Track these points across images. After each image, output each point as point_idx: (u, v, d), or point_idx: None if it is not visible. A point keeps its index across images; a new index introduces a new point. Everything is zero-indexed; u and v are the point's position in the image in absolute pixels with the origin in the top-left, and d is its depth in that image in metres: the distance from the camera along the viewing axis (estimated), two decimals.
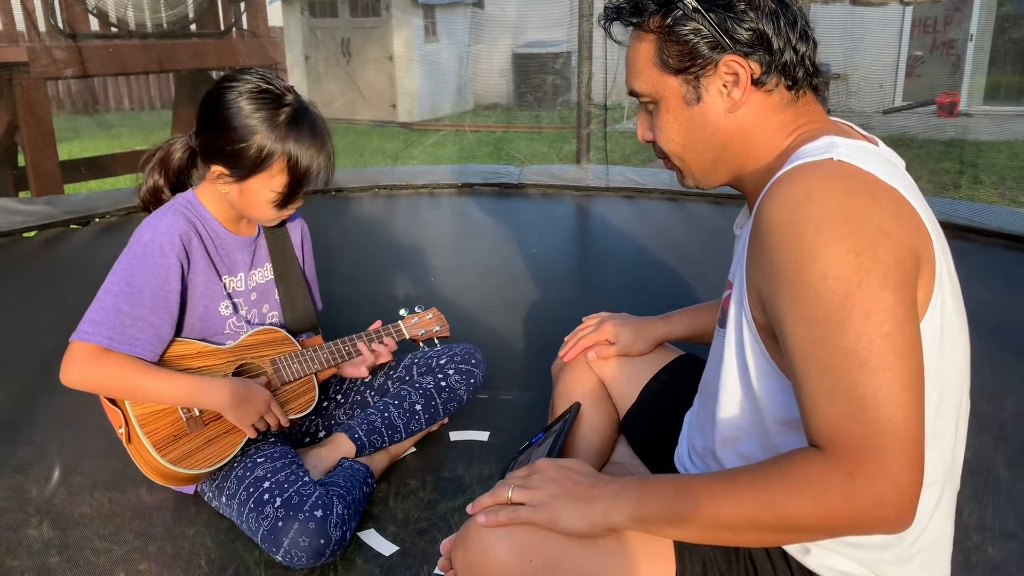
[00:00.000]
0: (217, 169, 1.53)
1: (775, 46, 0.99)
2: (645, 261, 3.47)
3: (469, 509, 1.02)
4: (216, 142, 1.51)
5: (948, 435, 0.98)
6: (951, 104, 8.16)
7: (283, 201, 1.55)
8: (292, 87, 1.55)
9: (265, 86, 1.51)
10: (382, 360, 1.83)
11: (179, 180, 1.66)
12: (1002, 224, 3.76)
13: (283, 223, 1.77)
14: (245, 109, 1.48)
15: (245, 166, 1.50)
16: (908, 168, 1.08)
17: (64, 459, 1.89)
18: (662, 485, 0.95)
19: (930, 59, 8.82)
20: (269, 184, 1.52)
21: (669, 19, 1.01)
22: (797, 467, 0.86)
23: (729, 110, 1.03)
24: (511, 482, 1.02)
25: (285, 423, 1.63)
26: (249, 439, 1.60)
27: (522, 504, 0.99)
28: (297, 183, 1.53)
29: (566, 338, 1.59)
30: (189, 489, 1.69)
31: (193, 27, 5.23)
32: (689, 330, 1.51)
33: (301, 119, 1.52)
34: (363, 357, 1.80)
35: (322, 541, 1.44)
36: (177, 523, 1.64)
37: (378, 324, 1.88)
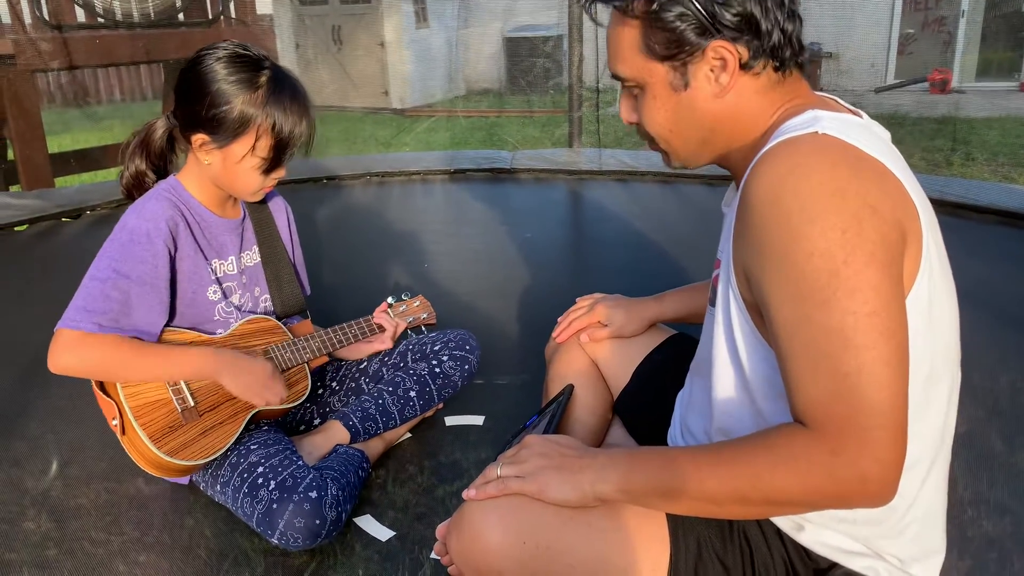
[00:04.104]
0: (199, 137, 1.52)
1: (763, 28, 0.97)
2: (638, 244, 3.46)
3: (465, 495, 1.03)
4: (196, 109, 1.50)
5: (939, 406, 0.98)
6: (943, 81, 8.14)
7: (268, 167, 1.54)
8: (268, 55, 1.55)
9: (242, 52, 1.51)
10: (395, 337, 1.87)
11: (161, 164, 1.64)
12: (995, 200, 3.77)
13: (264, 202, 1.77)
14: (221, 73, 1.48)
15: (227, 130, 1.49)
16: (901, 146, 1.07)
17: (60, 451, 1.89)
18: (650, 457, 0.96)
19: (922, 36, 8.79)
20: (253, 149, 1.51)
21: (655, 4, 0.99)
22: (782, 443, 0.87)
23: (717, 95, 1.01)
24: (500, 461, 1.03)
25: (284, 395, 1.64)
26: (244, 428, 1.60)
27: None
28: (281, 146, 1.52)
29: (559, 319, 1.59)
30: (183, 480, 1.69)
31: (181, 16, 5.19)
32: (682, 310, 1.51)
33: (281, 82, 1.51)
34: (386, 330, 1.84)
35: (317, 521, 1.44)
36: (175, 513, 1.64)
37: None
